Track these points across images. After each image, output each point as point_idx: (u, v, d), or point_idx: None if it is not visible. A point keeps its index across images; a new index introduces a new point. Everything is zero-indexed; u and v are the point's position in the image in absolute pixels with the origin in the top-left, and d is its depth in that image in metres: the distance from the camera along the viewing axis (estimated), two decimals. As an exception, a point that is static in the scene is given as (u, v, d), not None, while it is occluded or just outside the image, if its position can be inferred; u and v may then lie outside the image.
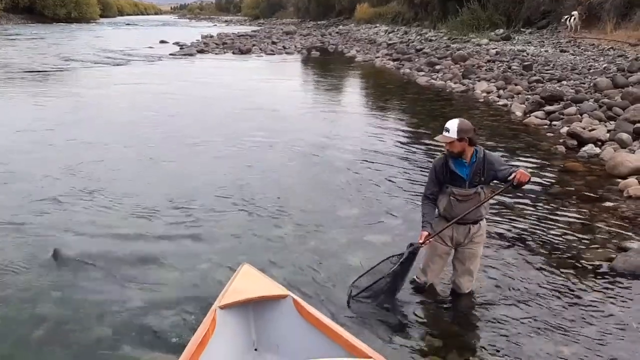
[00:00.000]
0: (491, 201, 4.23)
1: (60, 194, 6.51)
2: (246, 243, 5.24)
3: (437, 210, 4.07)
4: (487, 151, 3.91)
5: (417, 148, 9.01)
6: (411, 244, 4.01)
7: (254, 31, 49.86)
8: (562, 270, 4.67)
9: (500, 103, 12.83)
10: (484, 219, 4.08)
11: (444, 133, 3.79)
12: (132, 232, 5.46)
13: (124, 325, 3.87)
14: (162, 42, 34.66)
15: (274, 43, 34.81)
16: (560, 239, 5.32)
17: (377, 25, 46.50)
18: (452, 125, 3.75)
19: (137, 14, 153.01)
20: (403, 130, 10.59)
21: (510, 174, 3.70)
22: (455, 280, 4.23)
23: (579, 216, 5.91)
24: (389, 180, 7.24)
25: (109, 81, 17.56)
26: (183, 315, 3.96)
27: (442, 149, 4.00)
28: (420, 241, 3.95)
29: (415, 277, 4.31)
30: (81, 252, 4.98)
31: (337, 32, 47.58)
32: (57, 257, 4.85)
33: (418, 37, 32.72)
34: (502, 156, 8.06)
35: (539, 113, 10.95)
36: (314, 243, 5.22)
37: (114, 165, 7.79)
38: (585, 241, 5.26)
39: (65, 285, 4.40)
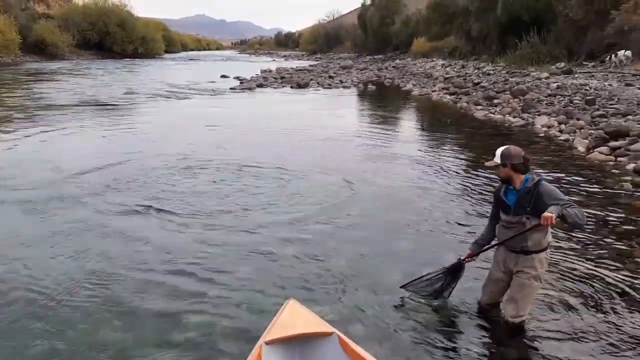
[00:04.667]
0: (551, 238, 4.12)
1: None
2: (294, 277, 5.22)
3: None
4: (543, 182, 3.92)
5: (474, 183, 8.86)
6: (459, 259, 4.48)
7: (312, 65, 50.90)
8: (629, 314, 4.45)
9: (561, 138, 12.52)
10: (542, 253, 4.02)
11: (493, 158, 4.05)
12: (175, 263, 5.54)
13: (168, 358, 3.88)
14: (223, 76, 35.78)
15: (331, 77, 35.35)
16: (628, 281, 5.07)
17: (434, 59, 46.73)
18: (498, 150, 4.04)
19: (200, 49, 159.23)
20: (460, 165, 10.46)
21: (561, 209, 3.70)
22: (502, 304, 4.30)
23: (648, 257, 5.64)
24: (445, 215, 7.14)
25: (174, 113, 18.30)
26: (227, 348, 3.96)
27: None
28: (463, 257, 4.43)
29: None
30: (124, 277, 5.13)
31: (393, 67, 47.94)
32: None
33: (475, 70, 32.58)
34: (563, 193, 7.86)
35: (604, 149, 10.59)
36: (366, 278, 5.16)
37: (173, 194, 8.04)
38: (656, 284, 5.00)
39: (106, 318, 4.44)
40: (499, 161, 4.00)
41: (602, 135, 11.24)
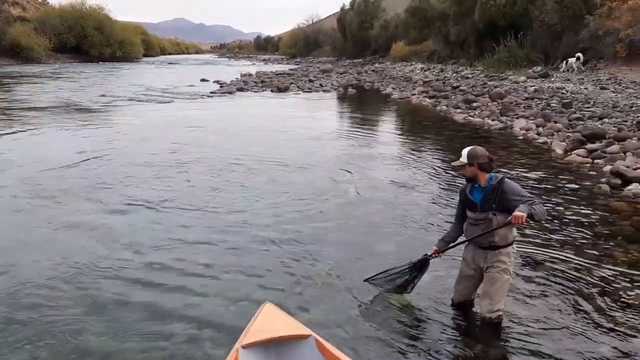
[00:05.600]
0: (516, 232, 4.22)
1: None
2: (272, 279, 5.22)
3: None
4: (506, 180, 4.08)
5: (454, 185, 8.96)
6: (425, 254, 4.53)
7: (292, 69, 50.85)
8: (609, 312, 4.55)
9: (539, 141, 12.71)
10: (509, 248, 4.14)
11: (459, 158, 4.17)
12: (154, 265, 5.53)
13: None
14: (202, 80, 35.54)
15: (311, 81, 35.33)
16: (606, 280, 5.18)
17: (413, 63, 46.99)
18: (464, 151, 4.16)
19: (179, 53, 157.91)
20: (440, 167, 10.56)
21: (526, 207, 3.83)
22: (477, 301, 4.41)
23: (625, 257, 5.76)
24: (427, 217, 7.21)
25: (154, 116, 18.12)
26: (204, 353, 3.95)
27: None
28: (429, 253, 4.49)
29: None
30: (97, 284, 5.10)
31: (372, 70, 48.08)
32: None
33: (454, 74, 32.89)
34: (542, 194, 8.01)
35: (581, 151, 10.80)
36: (344, 280, 5.18)
37: (146, 198, 7.98)
38: (635, 283, 5.10)
39: (80, 328, 4.36)
40: (465, 161, 4.13)
41: (579, 137, 11.45)
